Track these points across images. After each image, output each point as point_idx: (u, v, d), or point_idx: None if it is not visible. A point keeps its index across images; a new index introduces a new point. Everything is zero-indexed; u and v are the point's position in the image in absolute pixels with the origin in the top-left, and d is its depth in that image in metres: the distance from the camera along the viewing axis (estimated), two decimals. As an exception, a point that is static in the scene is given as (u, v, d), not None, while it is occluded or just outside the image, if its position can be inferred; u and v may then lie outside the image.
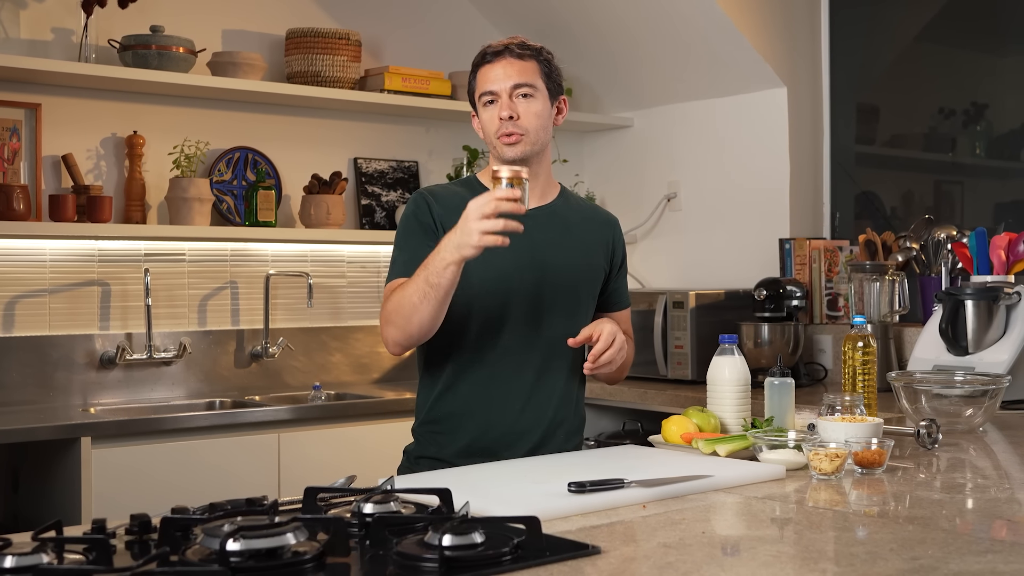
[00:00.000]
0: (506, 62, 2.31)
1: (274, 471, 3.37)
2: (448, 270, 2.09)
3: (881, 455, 2.03)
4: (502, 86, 2.30)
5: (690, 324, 3.83)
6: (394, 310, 2.21)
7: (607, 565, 1.42)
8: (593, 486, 1.78)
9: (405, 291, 2.18)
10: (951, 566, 1.41)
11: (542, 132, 2.33)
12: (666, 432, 2.34)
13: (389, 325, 2.23)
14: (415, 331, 2.20)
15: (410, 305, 2.16)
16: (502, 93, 2.30)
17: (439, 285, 2.11)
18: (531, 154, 2.33)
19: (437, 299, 2.13)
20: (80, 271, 3.70)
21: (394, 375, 4.30)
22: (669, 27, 4.19)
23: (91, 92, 3.73)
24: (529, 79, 2.31)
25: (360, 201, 4.31)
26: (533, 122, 2.31)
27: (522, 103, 2.30)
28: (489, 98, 2.32)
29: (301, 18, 4.17)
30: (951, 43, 4.14)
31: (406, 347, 2.26)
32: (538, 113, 2.32)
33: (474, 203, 2.05)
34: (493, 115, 2.31)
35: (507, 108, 2.29)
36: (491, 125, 2.32)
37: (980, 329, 3.11)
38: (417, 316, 2.16)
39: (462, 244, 2.06)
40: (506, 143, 2.30)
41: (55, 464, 3.17)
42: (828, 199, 4.34)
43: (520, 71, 2.31)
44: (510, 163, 2.31)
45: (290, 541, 1.39)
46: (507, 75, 2.30)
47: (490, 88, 2.31)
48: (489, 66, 2.32)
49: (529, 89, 2.31)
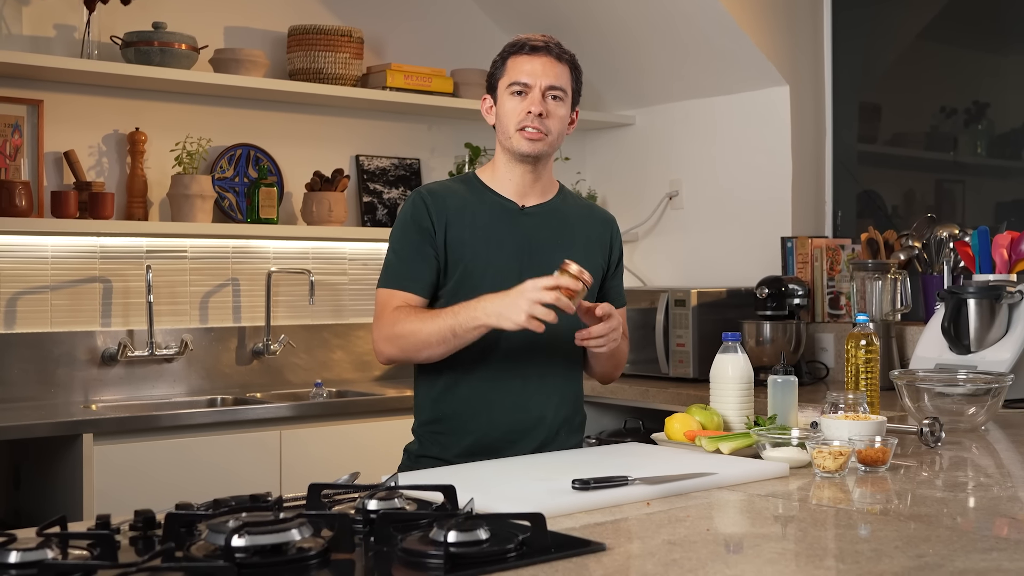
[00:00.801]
0: (547, 59, 2.31)
1: (275, 468, 3.37)
2: (478, 331, 2.15)
3: (884, 453, 2.04)
4: (539, 82, 2.29)
5: (692, 322, 3.83)
6: (403, 336, 2.23)
7: (612, 562, 1.42)
8: (597, 483, 1.78)
9: (423, 326, 2.20)
10: (956, 563, 1.41)
11: (560, 138, 2.35)
12: (669, 430, 2.34)
13: (390, 344, 2.26)
14: (418, 359, 2.28)
15: (425, 342, 2.20)
16: (536, 88, 2.29)
17: (463, 339, 2.17)
18: (544, 155, 2.34)
19: (455, 347, 2.20)
20: (82, 268, 3.70)
21: (395, 372, 4.30)
22: (671, 25, 4.19)
23: (93, 88, 3.72)
24: (563, 83, 2.32)
25: (362, 198, 4.31)
26: (558, 126, 2.32)
27: (552, 104, 2.30)
28: (519, 88, 2.30)
29: (303, 15, 4.17)
30: (953, 42, 4.13)
31: (397, 364, 2.35)
32: (563, 118, 2.33)
33: (533, 284, 2.07)
34: (519, 107, 2.30)
35: (539, 105, 2.28)
36: (514, 116, 2.30)
37: (982, 328, 3.11)
38: (428, 352, 2.23)
39: (503, 315, 2.09)
40: (527, 137, 2.29)
41: (57, 461, 3.17)
42: (830, 197, 4.33)
43: (558, 73, 2.31)
44: (523, 158, 2.32)
45: (295, 537, 1.39)
46: (545, 73, 2.30)
47: (525, 80, 2.29)
48: (527, 57, 2.31)
49: (561, 93, 2.31)
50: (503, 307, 2.09)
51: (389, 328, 2.25)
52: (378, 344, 2.28)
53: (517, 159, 2.33)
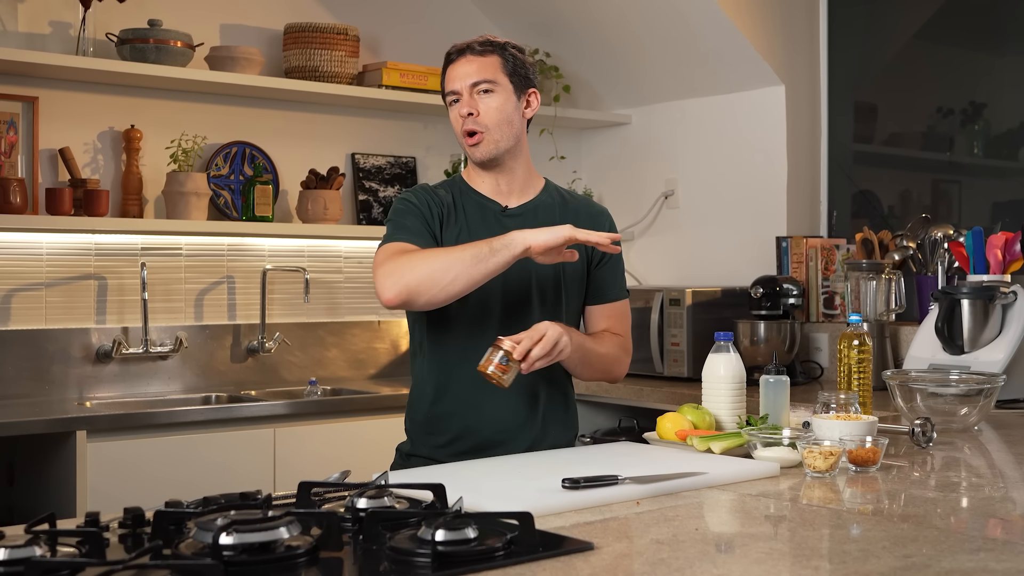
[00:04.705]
0: (466, 60, 2.31)
1: (269, 466, 3.37)
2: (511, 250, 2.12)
3: (875, 453, 2.04)
4: (462, 84, 2.30)
5: (686, 321, 3.83)
6: (427, 260, 2.13)
7: (600, 561, 1.43)
8: (587, 482, 1.78)
9: (449, 253, 2.13)
10: (943, 564, 1.41)
11: (505, 127, 2.30)
12: (661, 429, 2.35)
13: (408, 272, 2.12)
14: (435, 289, 2.12)
15: (457, 260, 2.11)
16: (463, 91, 2.30)
17: (498, 258, 2.11)
18: (499, 152, 2.31)
19: (488, 270, 2.12)
20: (77, 265, 3.70)
21: (390, 371, 4.30)
22: (668, 25, 4.19)
23: (88, 86, 3.72)
24: (488, 75, 2.30)
25: (357, 196, 4.31)
26: (493, 116, 2.29)
27: (482, 99, 2.29)
28: (453, 97, 2.32)
29: (299, 13, 4.17)
30: (949, 42, 4.14)
31: (405, 305, 2.18)
32: (499, 108, 2.29)
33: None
34: (456, 114, 2.32)
35: (466, 105, 2.29)
36: (456, 124, 2.32)
37: (976, 328, 3.11)
38: (456, 272, 2.11)
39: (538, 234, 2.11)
40: (469, 144, 2.30)
41: (51, 458, 3.17)
42: (825, 197, 4.34)
43: (479, 68, 2.30)
44: (479, 165, 2.32)
45: (283, 535, 1.39)
46: (467, 73, 2.30)
47: (452, 87, 2.31)
48: (452, 65, 2.33)
49: (489, 85, 2.29)
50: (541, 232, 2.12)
51: (405, 261, 2.15)
52: (387, 280, 2.14)
53: (478, 165, 2.34)
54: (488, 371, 2.09)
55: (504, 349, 2.09)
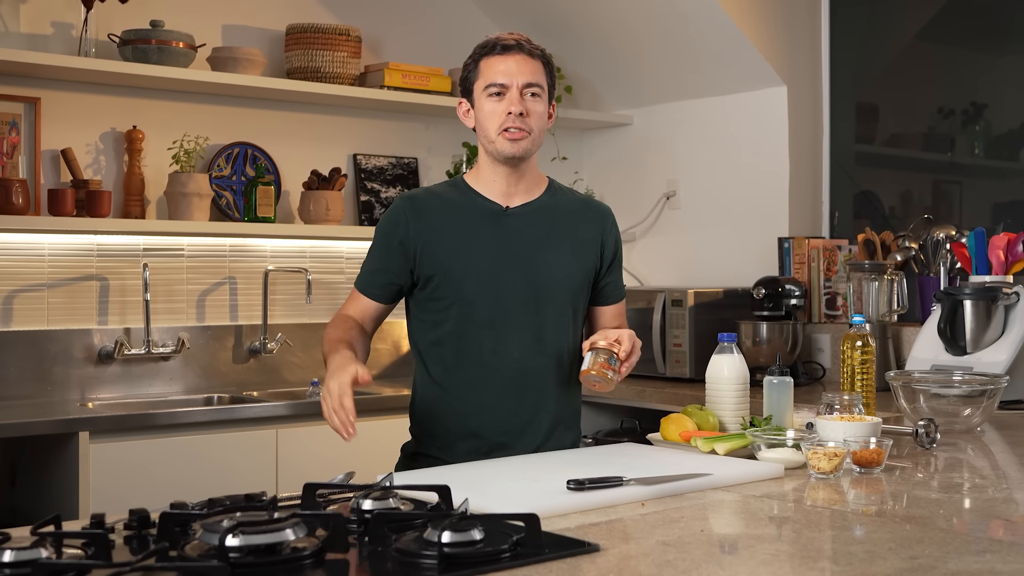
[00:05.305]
0: (520, 58, 2.29)
1: (272, 467, 3.37)
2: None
3: (879, 454, 2.04)
4: (515, 81, 2.27)
5: (688, 322, 3.83)
6: (326, 336, 2.34)
7: (606, 563, 1.43)
8: (592, 484, 1.78)
9: (327, 340, 2.32)
10: (949, 565, 1.41)
11: (542, 135, 2.33)
12: (665, 430, 2.35)
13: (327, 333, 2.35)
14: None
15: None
16: (513, 88, 2.27)
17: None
18: (529, 155, 2.32)
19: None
20: (79, 266, 3.70)
21: (392, 371, 4.30)
22: (670, 25, 4.19)
23: (91, 87, 3.72)
24: (539, 79, 2.30)
25: (359, 197, 4.31)
26: (538, 123, 2.30)
27: (531, 102, 2.28)
28: (497, 90, 2.28)
29: (301, 14, 4.17)
30: (950, 42, 4.14)
31: None
32: (542, 113, 2.32)
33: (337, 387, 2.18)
34: (498, 108, 2.28)
35: (519, 104, 2.26)
36: (494, 118, 2.28)
37: (978, 329, 3.11)
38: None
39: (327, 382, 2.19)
40: (510, 138, 2.27)
41: (53, 459, 3.17)
42: (827, 198, 4.34)
43: (532, 70, 2.29)
44: (507, 160, 2.31)
45: (289, 537, 1.39)
46: (520, 71, 2.28)
47: (501, 80, 2.27)
48: (500, 58, 2.29)
49: (538, 89, 2.29)
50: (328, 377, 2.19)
51: (330, 327, 2.38)
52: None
53: (501, 161, 2.31)
54: (593, 372, 2.17)
55: (613, 352, 2.17)
